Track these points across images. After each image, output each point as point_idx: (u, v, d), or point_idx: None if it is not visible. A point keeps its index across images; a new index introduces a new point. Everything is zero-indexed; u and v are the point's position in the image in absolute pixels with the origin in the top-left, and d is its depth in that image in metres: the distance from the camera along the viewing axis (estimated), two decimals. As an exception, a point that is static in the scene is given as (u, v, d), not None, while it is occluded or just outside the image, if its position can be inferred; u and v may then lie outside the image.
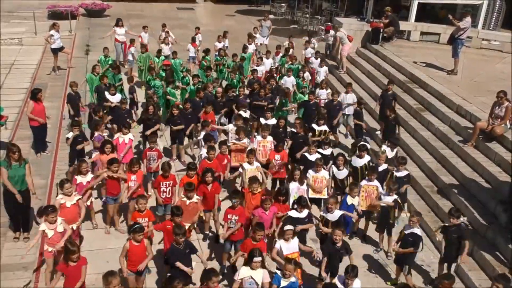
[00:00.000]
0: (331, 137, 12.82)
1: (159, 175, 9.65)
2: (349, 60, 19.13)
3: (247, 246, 7.72)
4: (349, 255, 8.07)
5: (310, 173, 10.05)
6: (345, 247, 8.10)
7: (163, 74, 15.09)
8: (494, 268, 8.85)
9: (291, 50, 18.21)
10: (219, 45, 18.28)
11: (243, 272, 7.13)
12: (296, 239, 8.04)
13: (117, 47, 18.60)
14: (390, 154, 11.13)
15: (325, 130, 12.22)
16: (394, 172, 10.23)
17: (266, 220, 8.50)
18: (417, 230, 8.42)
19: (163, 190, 9.50)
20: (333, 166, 10.64)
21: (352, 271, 7.17)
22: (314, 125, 12.30)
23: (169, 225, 8.01)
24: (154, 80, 14.18)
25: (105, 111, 12.13)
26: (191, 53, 18.51)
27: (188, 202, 8.76)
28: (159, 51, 16.85)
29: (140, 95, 14.99)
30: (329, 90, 15.16)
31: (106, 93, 12.91)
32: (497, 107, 11.54)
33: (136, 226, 7.62)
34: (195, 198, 8.88)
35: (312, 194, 9.98)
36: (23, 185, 9.00)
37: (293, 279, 7.20)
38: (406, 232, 8.46)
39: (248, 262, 7.25)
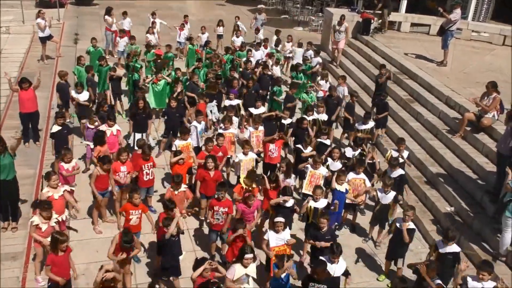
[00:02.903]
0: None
1: (140, 158, 9.65)
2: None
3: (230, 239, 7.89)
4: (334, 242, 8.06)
5: (308, 167, 9.92)
6: (331, 234, 8.21)
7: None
8: (480, 258, 8.96)
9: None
10: (204, 37, 18.11)
11: (238, 271, 7.13)
12: (287, 231, 8.07)
13: (107, 36, 18.41)
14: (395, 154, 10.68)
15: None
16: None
17: (248, 214, 8.59)
18: (411, 224, 8.44)
19: (146, 172, 9.58)
20: (328, 158, 10.63)
21: (337, 249, 7.29)
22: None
23: None
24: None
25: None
26: (180, 39, 18.59)
27: (176, 192, 8.86)
28: (148, 46, 16.49)
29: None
30: (329, 84, 14.80)
31: (73, 91, 12.46)
32: (485, 98, 11.62)
33: (125, 231, 7.48)
34: (183, 187, 9.00)
35: (305, 190, 9.89)
36: (10, 174, 8.93)
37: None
38: (398, 226, 8.44)
39: (239, 260, 7.23)
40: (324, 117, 12.46)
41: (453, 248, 7.88)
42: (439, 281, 7.15)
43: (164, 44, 16.77)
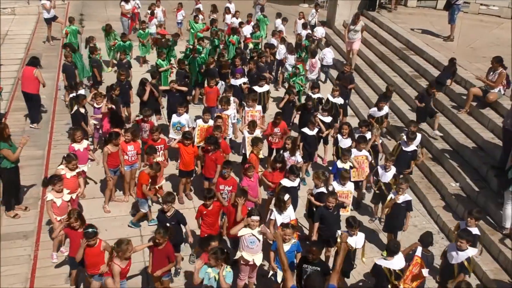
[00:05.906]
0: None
1: (150, 140, 9.83)
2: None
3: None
4: None
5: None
6: (338, 213, 8.26)
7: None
8: (484, 232, 9.05)
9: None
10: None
11: (244, 230, 7.26)
12: (291, 208, 8.08)
13: (124, 22, 18.17)
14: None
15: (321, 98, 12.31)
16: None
17: (253, 187, 8.67)
18: (407, 196, 8.54)
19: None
20: (338, 134, 10.57)
21: (354, 222, 7.39)
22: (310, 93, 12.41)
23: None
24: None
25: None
26: (178, 20, 18.74)
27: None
28: (143, 22, 16.77)
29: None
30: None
31: (83, 91, 11.89)
32: (491, 73, 11.54)
33: (89, 230, 6.91)
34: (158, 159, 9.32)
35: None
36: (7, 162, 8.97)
37: (293, 241, 7.33)
38: (392, 197, 8.51)
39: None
40: (340, 100, 12.24)
41: (474, 231, 7.79)
42: None
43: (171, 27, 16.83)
